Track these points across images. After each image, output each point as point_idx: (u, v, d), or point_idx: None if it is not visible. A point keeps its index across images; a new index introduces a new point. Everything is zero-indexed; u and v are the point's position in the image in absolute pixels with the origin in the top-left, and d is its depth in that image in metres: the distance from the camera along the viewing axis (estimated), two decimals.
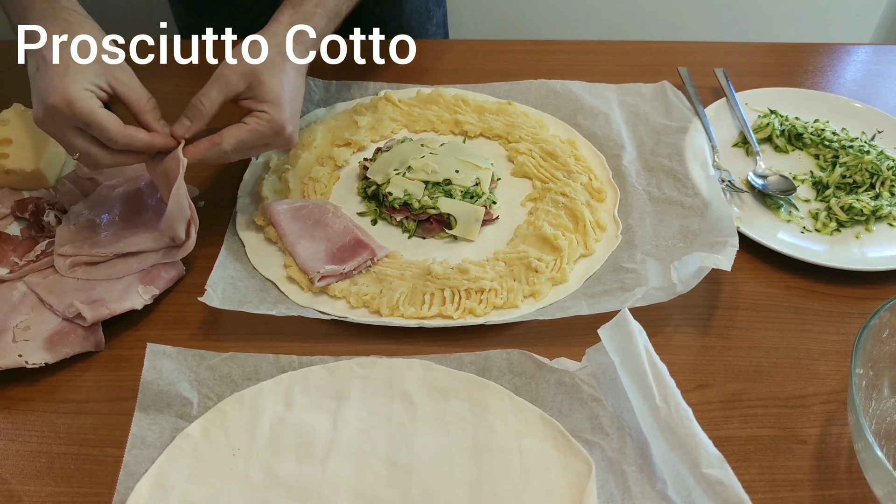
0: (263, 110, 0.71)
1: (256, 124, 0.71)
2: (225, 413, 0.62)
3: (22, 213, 0.78)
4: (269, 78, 0.72)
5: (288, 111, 0.72)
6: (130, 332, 0.70)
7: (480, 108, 0.94)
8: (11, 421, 0.63)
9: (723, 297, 0.75)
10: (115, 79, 0.68)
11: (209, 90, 0.71)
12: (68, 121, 0.65)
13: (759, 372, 0.68)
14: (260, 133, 0.71)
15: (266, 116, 0.71)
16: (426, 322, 0.70)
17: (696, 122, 0.90)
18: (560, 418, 0.62)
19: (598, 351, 0.64)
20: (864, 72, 1.07)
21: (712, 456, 0.54)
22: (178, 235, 0.72)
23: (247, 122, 0.71)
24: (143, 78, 0.71)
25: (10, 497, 0.58)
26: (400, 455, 0.60)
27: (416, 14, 1.20)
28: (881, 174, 0.86)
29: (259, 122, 0.71)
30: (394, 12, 1.17)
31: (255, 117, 0.71)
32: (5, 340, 0.66)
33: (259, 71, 0.71)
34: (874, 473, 0.54)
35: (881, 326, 0.60)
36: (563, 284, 0.74)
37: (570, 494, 0.57)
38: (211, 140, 0.71)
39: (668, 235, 0.78)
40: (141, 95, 0.70)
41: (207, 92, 0.71)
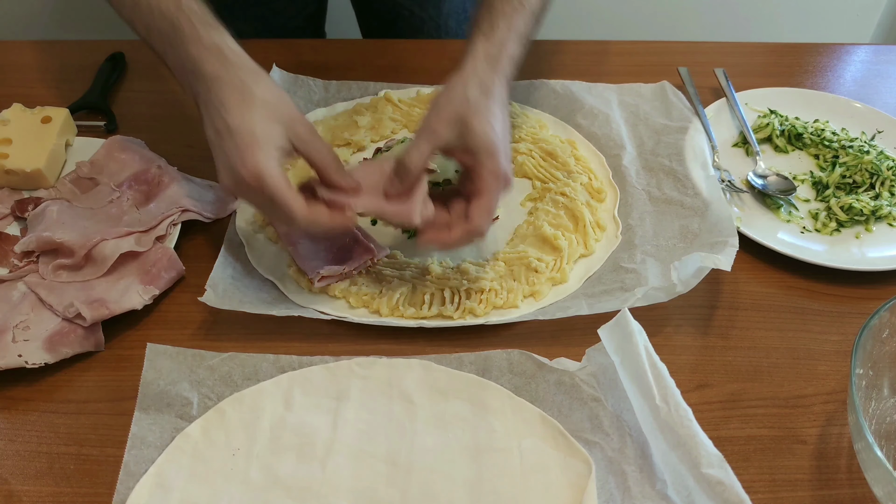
0: (480, 163, 0.65)
1: (487, 187, 0.65)
2: (225, 413, 0.62)
3: (22, 213, 0.78)
4: (478, 123, 0.65)
5: (503, 156, 0.66)
6: (130, 332, 0.70)
7: None
8: (11, 421, 0.63)
9: (723, 297, 0.75)
10: (297, 137, 0.64)
11: (418, 144, 0.65)
12: (257, 193, 0.62)
13: (759, 372, 0.68)
14: (494, 191, 0.65)
15: (486, 170, 0.65)
16: (426, 322, 0.70)
17: (696, 122, 0.90)
18: (560, 418, 0.62)
19: (598, 351, 0.64)
20: (864, 72, 1.07)
21: (712, 456, 0.54)
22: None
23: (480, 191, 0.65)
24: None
25: (10, 497, 0.58)
26: (400, 455, 0.60)
27: (454, 15, 1.20)
28: (881, 174, 0.86)
29: (486, 182, 0.65)
30: (433, 13, 1.18)
31: (481, 180, 0.65)
32: (5, 340, 0.66)
33: (467, 117, 0.65)
34: (874, 473, 0.54)
35: (881, 326, 0.60)
36: (563, 284, 0.74)
37: (570, 494, 0.57)
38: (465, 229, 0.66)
39: (668, 235, 0.78)
40: (323, 152, 0.66)
41: (417, 146, 0.66)
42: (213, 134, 0.63)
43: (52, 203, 0.77)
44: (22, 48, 1.05)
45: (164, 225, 0.75)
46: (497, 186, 0.65)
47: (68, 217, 0.75)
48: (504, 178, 0.66)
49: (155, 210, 0.77)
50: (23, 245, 0.72)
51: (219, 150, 0.63)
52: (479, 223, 0.65)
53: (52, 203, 0.77)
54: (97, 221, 0.76)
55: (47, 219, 0.75)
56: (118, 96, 0.96)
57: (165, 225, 0.75)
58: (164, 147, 0.86)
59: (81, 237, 0.72)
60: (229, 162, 0.62)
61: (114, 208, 0.78)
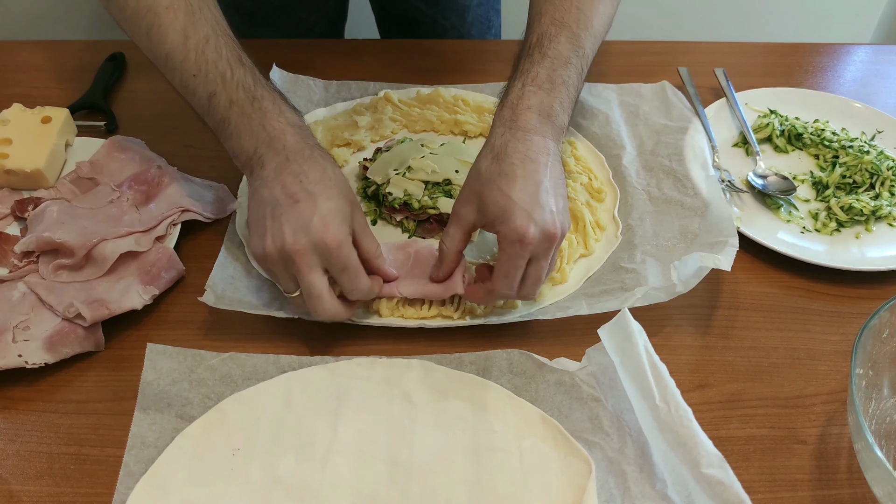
0: (498, 230, 0.64)
1: (503, 252, 0.64)
2: (225, 413, 0.62)
3: (22, 213, 0.78)
4: (489, 193, 0.64)
5: (519, 215, 0.62)
6: (130, 332, 0.70)
7: (480, 108, 0.94)
8: (11, 421, 0.63)
9: (723, 297, 0.75)
10: (357, 222, 0.65)
11: (449, 231, 0.67)
12: (325, 261, 0.63)
13: (759, 372, 0.68)
14: (511, 256, 0.63)
15: (502, 237, 0.64)
16: (426, 322, 0.70)
17: (696, 122, 0.90)
18: (560, 418, 0.62)
19: (598, 351, 0.64)
20: (864, 72, 1.07)
21: (712, 456, 0.54)
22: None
23: (499, 254, 0.65)
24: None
25: (10, 497, 0.58)
26: (400, 455, 0.60)
27: (476, 24, 1.20)
28: (881, 174, 0.86)
29: (503, 249, 0.64)
30: (456, 21, 1.18)
31: (499, 244, 0.65)
32: (5, 340, 0.65)
33: (479, 192, 0.65)
34: (874, 473, 0.54)
35: (881, 326, 0.60)
36: (563, 284, 0.74)
37: (570, 494, 0.57)
38: (486, 288, 0.67)
39: (668, 235, 0.78)
40: (374, 243, 0.67)
41: (448, 233, 0.67)
42: (285, 199, 0.63)
43: (52, 203, 0.77)
44: (22, 48, 1.05)
45: (163, 225, 0.75)
46: (513, 250, 0.63)
47: (68, 217, 0.75)
48: (521, 239, 0.62)
49: (155, 210, 0.77)
50: (23, 245, 0.72)
51: (288, 213, 0.62)
52: (497, 286, 0.65)
53: (52, 203, 0.77)
54: (97, 221, 0.76)
55: (47, 219, 0.75)
56: (118, 96, 0.97)
57: (165, 225, 0.75)
58: (164, 147, 0.86)
59: (81, 237, 0.72)
60: (305, 225, 0.62)
61: (114, 208, 0.78)
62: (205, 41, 0.68)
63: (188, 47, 0.67)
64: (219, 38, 0.69)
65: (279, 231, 0.63)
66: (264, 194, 0.65)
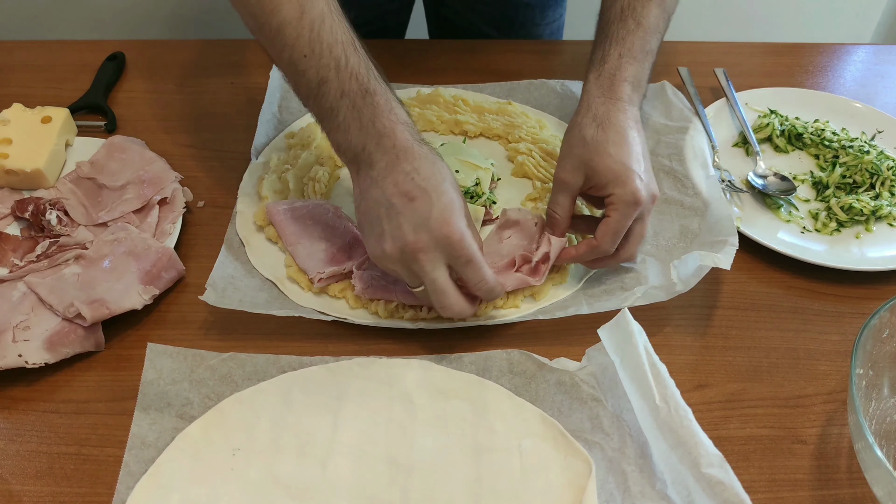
0: (611, 193, 0.67)
1: (615, 212, 0.67)
2: (225, 413, 0.62)
3: (22, 213, 0.78)
4: (600, 160, 0.68)
5: (633, 178, 0.67)
6: (130, 332, 0.70)
7: (480, 108, 0.93)
8: (11, 421, 0.63)
9: (723, 297, 0.75)
10: (468, 216, 0.65)
11: (556, 196, 0.70)
12: (448, 255, 0.62)
13: (759, 372, 0.69)
14: (624, 216, 0.67)
15: (616, 198, 0.67)
16: (426, 323, 0.70)
17: (696, 122, 0.90)
18: (560, 418, 0.62)
19: (598, 351, 0.64)
20: (864, 72, 1.07)
21: (712, 456, 0.54)
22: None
23: (609, 215, 0.68)
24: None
25: (10, 497, 0.58)
26: (400, 455, 0.60)
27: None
28: (881, 174, 0.86)
29: (616, 210, 0.67)
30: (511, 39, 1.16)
31: (611, 206, 0.67)
32: (5, 340, 0.66)
33: (588, 159, 0.68)
34: (874, 473, 0.54)
35: (881, 326, 0.61)
36: (562, 284, 0.74)
37: (570, 494, 0.57)
38: (588, 244, 0.69)
39: (668, 235, 0.78)
40: (479, 236, 0.67)
41: (555, 199, 0.71)
42: (399, 198, 0.62)
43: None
44: (22, 48, 1.05)
45: (164, 224, 0.76)
46: (628, 210, 0.67)
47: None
48: (637, 200, 0.67)
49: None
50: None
51: (406, 211, 0.62)
52: (602, 240, 0.68)
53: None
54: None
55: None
56: (118, 96, 0.96)
57: (166, 223, 0.76)
58: (164, 147, 0.86)
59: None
60: (424, 222, 0.61)
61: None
62: (321, 19, 0.64)
63: (302, 24, 0.64)
64: (333, 16, 0.65)
65: (398, 230, 0.62)
66: (376, 194, 0.63)
